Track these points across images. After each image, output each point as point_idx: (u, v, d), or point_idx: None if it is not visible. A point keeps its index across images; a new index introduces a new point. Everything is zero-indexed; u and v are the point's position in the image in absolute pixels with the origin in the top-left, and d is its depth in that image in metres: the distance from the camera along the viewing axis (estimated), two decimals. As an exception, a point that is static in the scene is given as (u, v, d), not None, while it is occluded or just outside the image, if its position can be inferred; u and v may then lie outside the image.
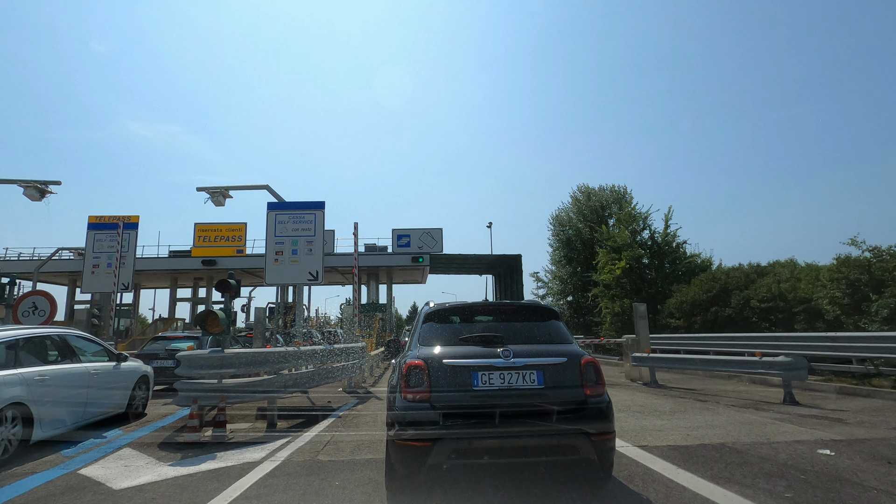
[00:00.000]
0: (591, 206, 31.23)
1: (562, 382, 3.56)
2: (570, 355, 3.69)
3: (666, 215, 21.58)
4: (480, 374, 3.52)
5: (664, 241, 21.43)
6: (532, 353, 3.67)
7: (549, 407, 3.44)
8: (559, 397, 3.50)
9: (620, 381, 12.19)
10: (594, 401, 3.55)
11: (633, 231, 22.32)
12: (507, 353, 3.61)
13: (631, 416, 7.06)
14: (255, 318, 11.33)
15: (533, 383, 3.52)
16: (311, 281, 10.81)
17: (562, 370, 3.60)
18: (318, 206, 11.22)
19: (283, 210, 11.23)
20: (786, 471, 4.15)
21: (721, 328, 15.06)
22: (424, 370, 3.55)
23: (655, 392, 9.92)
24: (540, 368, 3.57)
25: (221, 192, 14.24)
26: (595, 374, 3.64)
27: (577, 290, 31.28)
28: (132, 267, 12.93)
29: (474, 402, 3.45)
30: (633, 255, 20.83)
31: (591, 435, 3.40)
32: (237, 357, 6.21)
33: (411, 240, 28.83)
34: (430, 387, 3.50)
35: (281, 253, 11.02)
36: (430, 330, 4.06)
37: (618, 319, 21.26)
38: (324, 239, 11.08)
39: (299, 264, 10.91)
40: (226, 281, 8.88)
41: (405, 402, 3.50)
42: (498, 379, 3.51)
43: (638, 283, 21.16)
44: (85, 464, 4.79)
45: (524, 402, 3.47)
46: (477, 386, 3.49)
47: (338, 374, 9.68)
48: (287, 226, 11.13)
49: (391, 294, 32.50)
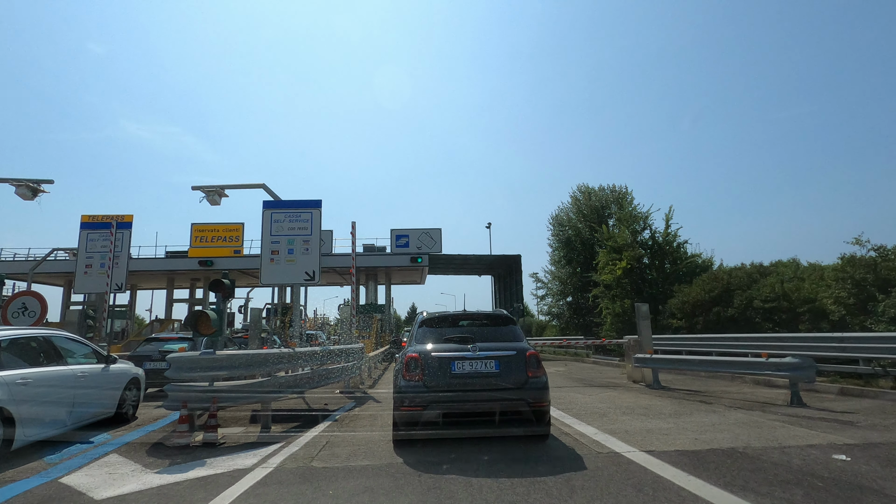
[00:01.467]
0: (591, 206, 31.06)
1: (511, 368, 5.16)
2: (519, 350, 5.33)
3: (667, 215, 21.44)
4: (457, 362, 5.15)
5: (665, 241, 21.26)
6: (492, 348, 5.31)
7: (503, 384, 5.09)
8: (509, 378, 5.12)
9: (622, 383, 11.99)
10: (534, 380, 5.15)
11: (634, 231, 22.15)
12: (475, 348, 5.28)
13: (635, 419, 6.86)
14: (251, 320, 11.10)
15: (492, 368, 5.14)
16: (307, 281, 10.60)
17: (512, 360, 5.21)
18: (314, 205, 11.01)
19: (279, 209, 11.02)
20: (802, 478, 3.96)
21: (723, 329, 14.88)
22: (419, 360, 5.21)
23: (659, 394, 9.73)
24: (497, 359, 5.19)
25: (217, 190, 14.02)
26: (536, 362, 5.28)
27: (577, 290, 31.09)
28: (126, 267, 12.71)
29: (452, 381, 5.09)
30: (633, 255, 20.65)
31: (530, 403, 5.07)
32: (229, 359, 6.01)
33: (410, 240, 28.61)
34: (422, 371, 5.14)
35: (277, 252, 10.81)
36: (424, 332, 5.76)
37: (618, 320, 21.08)
38: (321, 238, 10.88)
39: (295, 264, 10.70)
40: (219, 281, 8.67)
41: (406, 381, 5.13)
42: (468, 365, 5.14)
43: (639, 283, 20.98)
44: (68, 471, 4.57)
45: (485, 381, 5.11)
46: (454, 370, 5.12)
47: (335, 375, 9.48)
48: (283, 225, 10.92)
49: (390, 295, 32.29)
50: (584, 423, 6.48)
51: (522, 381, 5.12)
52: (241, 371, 6.10)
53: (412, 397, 5.05)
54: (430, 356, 5.24)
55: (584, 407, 8.02)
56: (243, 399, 6.20)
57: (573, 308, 32.33)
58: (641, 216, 22.28)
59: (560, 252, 31.97)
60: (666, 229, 21.37)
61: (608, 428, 6.17)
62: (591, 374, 14.65)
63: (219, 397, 5.98)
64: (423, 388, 5.06)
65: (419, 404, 5.02)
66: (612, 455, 4.79)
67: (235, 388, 6.16)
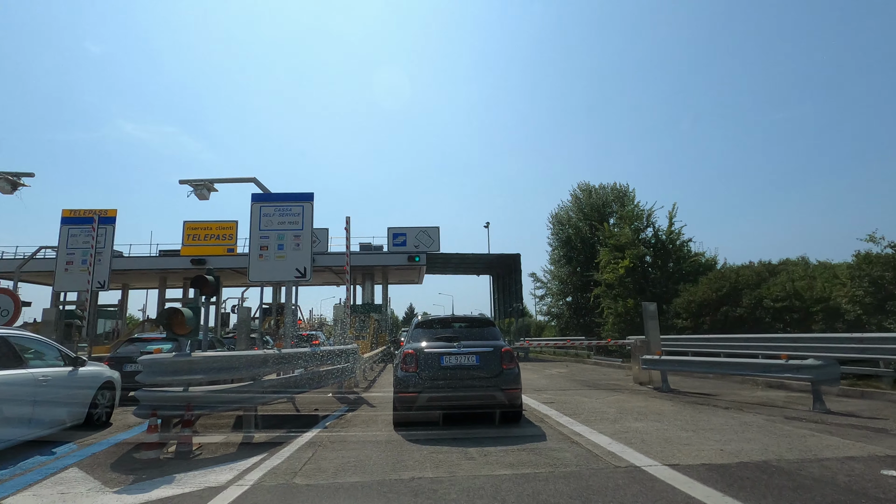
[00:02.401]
0: (591, 205, 30.60)
1: (489, 361, 6.20)
2: (496, 346, 6.36)
3: (670, 213, 20.98)
4: (445, 356, 6.20)
5: (668, 240, 20.79)
6: (473, 345, 6.35)
7: (482, 374, 6.13)
8: (487, 369, 6.16)
9: (628, 386, 11.48)
10: (507, 371, 6.18)
11: (636, 229, 21.68)
12: (460, 345, 6.29)
13: (650, 425, 6.34)
14: (239, 319, 10.53)
15: (473, 362, 6.19)
16: (298, 279, 10.05)
17: (490, 354, 6.25)
18: (306, 198, 10.46)
19: (268, 202, 10.46)
20: (855, 499, 3.44)
21: (731, 329, 14.41)
22: (414, 355, 6.27)
23: (669, 397, 9.22)
24: (477, 353, 6.23)
25: (205, 184, 13.44)
26: (509, 357, 6.30)
27: (577, 290, 30.61)
28: (109, 264, 12.12)
29: (441, 372, 6.13)
30: (636, 253, 20.17)
31: (504, 389, 6.07)
32: (206, 361, 5.45)
33: (407, 239, 28.04)
34: (416, 364, 6.19)
35: (266, 248, 10.25)
36: (419, 332, 6.90)
37: (620, 320, 20.59)
38: (313, 234, 10.32)
39: (286, 260, 10.15)
40: (203, 277, 8.11)
41: (403, 372, 6.20)
42: (454, 359, 6.18)
43: (642, 282, 20.49)
44: (14, 491, 4.01)
45: (468, 371, 6.16)
46: (443, 363, 6.17)
47: (326, 378, 8.94)
48: (273, 219, 10.37)
49: (387, 294, 31.72)
50: (596, 431, 5.95)
51: (498, 371, 6.19)
52: (222, 374, 5.55)
53: (409, 384, 6.14)
54: (423, 352, 6.33)
55: (594, 412, 7.50)
56: (222, 406, 5.65)
57: (573, 308, 31.84)
58: (644, 214, 21.80)
59: (560, 251, 31.49)
60: (669, 227, 20.91)
61: (623, 437, 5.64)
62: (595, 376, 14.14)
63: (194, 403, 5.43)
64: (418, 378, 6.14)
65: (415, 390, 6.09)
66: (631, 470, 4.27)
67: (213, 393, 5.61)
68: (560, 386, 11.70)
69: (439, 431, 6.03)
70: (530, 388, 11.19)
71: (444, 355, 6.23)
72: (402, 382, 6.19)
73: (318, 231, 27.99)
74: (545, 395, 9.67)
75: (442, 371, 6.14)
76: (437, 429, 6.17)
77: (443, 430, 6.11)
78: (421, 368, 6.17)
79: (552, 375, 14.79)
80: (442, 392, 6.02)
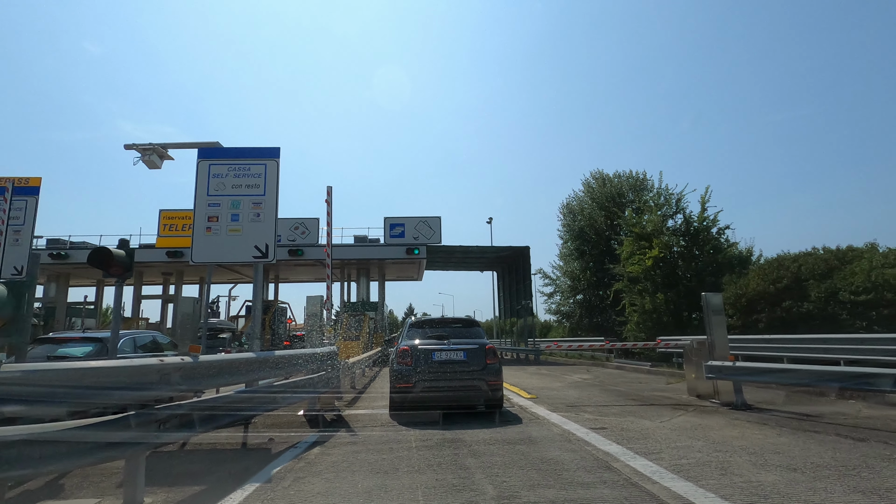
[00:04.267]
0: (606, 194, 28.13)
1: (474, 356, 7.10)
2: (480, 344, 7.31)
3: (702, 197, 18.48)
4: (436, 352, 7.11)
5: (702, 227, 18.30)
6: (461, 343, 7.29)
7: (468, 368, 7.04)
8: (473, 363, 7.05)
9: (685, 399, 9.01)
10: (490, 366, 7.06)
11: (664, 216, 19.21)
12: (449, 343, 7.25)
13: (787, 482, 3.84)
14: (181, 312, 8.05)
15: (461, 357, 7.09)
16: (258, 258, 7.57)
17: (475, 351, 7.15)
18: (269, 154, 7.98)
19: (220, 159, 7.98)
20: None
21: (792, 328, 11.94)
22: (409, 351, 7.18)
23: (762, 419, 6.73)
24: (464, 350, 7.15)
25: (155, 150, 11.02)
26: (492, 353, 7.23)
27: (590, 286, 28.14)
28: (29, 245, 9.64)
29: (433, 366, 7.02)
30: (666, 242, 17.69)
31: (487, 381, 6.98)
32: (26, 377, 2.97)
33: (405, 229, 25.53)
34: (411, 358, 7.09)
35: (216, 219, 7.78)
36: (413, 331, 7.83)
37: (648, 318, 18.10)
38: (276, 206, 7.85)
39: (241, 235, 7.66)
40: (104, 251, 5.67)
41: (399, 366, 7.12)
42: (444, 355, 7.09)
43: (673, 275, 18.02)
44: None
45: (456, 365, 7.06)
46: (434, 358, 7.07)
47: (295, 393, 6.49)
48: (225, 181, 7.89)
49: (383, 291, 29.25)
50: (718, 497, 3.47)
51: (482, 365, 6.99)
52: (49, 408, 3.07)
53: (405, 376, 6.94)
54: (417, 348, 7.13)
55: (679, 449, 5.00)
56: (62, 461, 3.18)
57: (584, 307, 29.39)
58: (673, 198, 19.32)
59: (571, 244, 29.03)
60: (702, 213, 18.43)
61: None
62: (632, 385, 11.66)
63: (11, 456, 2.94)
64: (413, 370, 6.94)
65: (409, 381, 6.90)
66: None
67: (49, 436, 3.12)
68: (597, 399, 9.23)
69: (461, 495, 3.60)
70: (560, 402, 8.71)
71: (435, 351, 7.07)
72: (398, 374, 7.04)
73: (307, 221, 25.54)
74: (587, 416, 7.19)
75: (434, 365, 6.98)
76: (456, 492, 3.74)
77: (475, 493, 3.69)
78: (415, 362, 7.00)
79: (577, 383, 12.33)
80: (433, 383, 6.90)
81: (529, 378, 14.17)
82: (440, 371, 6.89)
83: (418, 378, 6.84)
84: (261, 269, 8.21)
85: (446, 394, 6.84)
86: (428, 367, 6.90)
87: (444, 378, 6.87)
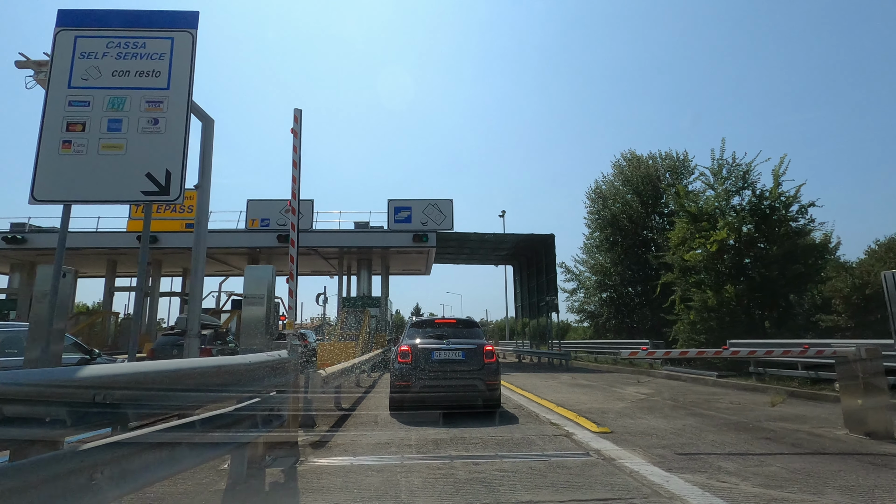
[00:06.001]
0: (641, 176, 24.63)
1: (473, 356, 7.24)
2: (479, 344, 7.43)
3: (776, 169, 14.98)
4: (435, 351, 7.24)
5: (777, 204, 14.78)
6: (460, 342, 7.41)
7: (466, 368, 7.18)
8: (471, 363, 7.20)
9: (840, 437, 5.62)
10: (488, 365, 7.19)
11: (727, 191, 15.73)
12: (448, 342, 7.38)
13: None
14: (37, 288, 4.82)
15: (459, 356, 7.22)
16: (151, 195, 4.36)
17: (473, 351, 7.28)
18: (179, 22, 4.72)
19: (94, 29, 4.72)
20: None
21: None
22: (409, 350, 7.28)
23: None
24: (463, 350, 7.28)
25: (54, 64, 7.80)
26: (490, 353, 7.33)
27: (624, 282, 24.65)
28: None
29: (432, 364, 7.14)
30: (734, 223, 14.20)
31: (485, 381, 7.11)
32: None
33: (412, 214, 22.23)
34: (412, 357, 7.20)
35: (80, 128, 4.49)
36: (413, 331, 7.90)
37: (711, 317, 14.61)
38: (191, 97, 4.63)
39: (124, 156, 4.41)
40: None
41: (400, 364, 7.22)
42: (443, 354, 7.23)
43: (740, 264, 14.54)
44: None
45: (455, 365, 7.20)
46: (434, 357, 7.19)
47: (176, 458, 3.20)
48: (101, 65, 4.62)
49: (387, 284, 25.98)
50: None
51: (480, 365, 7.16)
52: None
53: (405, 374, 7.08)
54: (417, 347, 7.31)
55: None
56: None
57: (613, 306, 25.89)
58: (738, 169, 15.77)
59: (601, 234, 25.54)
60: (775, 188, 14.92)
61: None
62: (721, 405, 8.22)
63: None
64: (412, 368, 7.09)
65: (409, 379, 7.03)
66: None
67: None
68: (709, 437, 5.81)
69: None
70: (656, 442, 5.26)
71: (435, 350, 7.22)
72: (399, 373, 7.16)
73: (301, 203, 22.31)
74: (738, 484, 3.81)
75: (433, 364, 7.11)
76: None
77: None
78: (415, 361, 7.13)
79: (644, 402, 8.93)
80: (432, 381, 7.01)
81: (572, 392, 10.81)
82: (439, 370, 7.09)
83: (417, 377, 7.02)
84: (150, 211, 4.95)
85: (445, 393, 7.01)
86: (427, 366, 7.08)
87: (442, 377, 7.07)
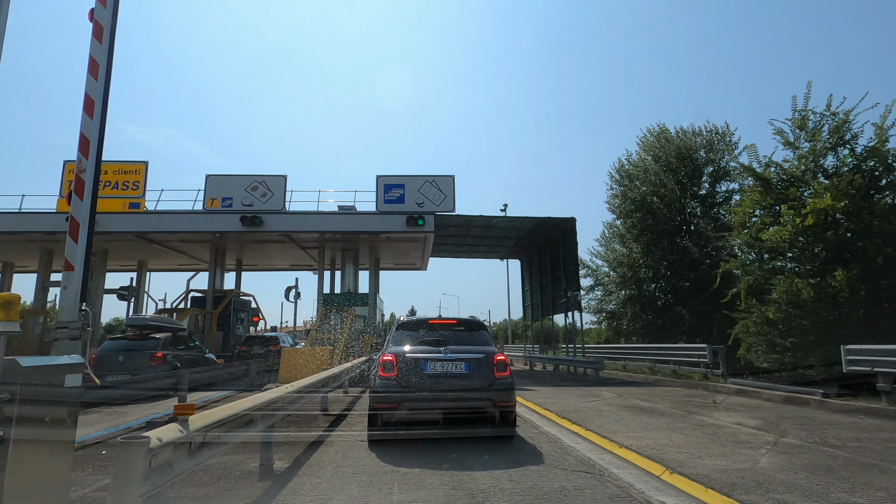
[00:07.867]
0: (674, 152, 20.97)
1: (479, 369, 5.52)
2: (487, 353, 5.67)
3: (880, 121, 11.35)
4: (429, 363, 5.49)
5: (885, 166, 11.15)
6: (462, 351, 5.65)
7: (471, 384, 5.46)
8: (477, 379, 5.48)
9: None
10: (500, 381, 5.50)
11: (813, 151, 12.07)
12: (447, 350, 5.60)
13: None
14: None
15: (462, 370, 5.49)
16: None
17: (480, 362, 5.55)
18: None
19: None
20: None
21: None
22: (394, 361, 5.52)
23: None
24: (466, 361, 5.53)
25: None
26: (503, 365, 5.61)
27: (656, 276, 20.93)
28: None
29: (424, 380, 5.42)
30: (844, 187, 10.51)
31: (497, 403, 5.44)
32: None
33: (406, 192, 18.42)
34: (397, 370, 5.45)
35: None
36: (400, 335, 6.13)
37: (799, 316, 10.88)
38: None
39: None
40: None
41: (381, 379, 5.47)
42: (440, 366, 5.48)
43: (844, 244, 10.87)
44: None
45: (455, 381, 5.47)
46: (426, 370, 5.46)
47: None
48: None
49: (377, 278, 22.20)
50: None
51: (490, 382, 5.46)
52: None
53: (387, 395, 5.35)
54: (404, 356, 5.52)
55: None
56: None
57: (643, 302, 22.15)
58: (827, 122, 12.10)
59: (629, 220, 21.80)
60: (881, 142, 11.28)
61: None
62: None
63: None
64: (397, 387, 5.33)
65: (393, 401, 5.33)
66: None
67: None
68: None
69: None
70: None
71: (428, 361, 5.51)
72: (378, 392, 5.46)
73: (270, 180, 18.56)
74: None
75: (425, 379, 5.43)
76: None
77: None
78: (401, 375, 5.44)
79: (791, 455, 5.16)
80: (424, 403, 5.37)
81: (636, 421, 7.07)
82: (434, 388, 5.38)
83: (404, 396, 5.32)
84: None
85: (440, 417, 5.48)
86: (417, 381, 5.38)
87: (437, 397, 5.34)
